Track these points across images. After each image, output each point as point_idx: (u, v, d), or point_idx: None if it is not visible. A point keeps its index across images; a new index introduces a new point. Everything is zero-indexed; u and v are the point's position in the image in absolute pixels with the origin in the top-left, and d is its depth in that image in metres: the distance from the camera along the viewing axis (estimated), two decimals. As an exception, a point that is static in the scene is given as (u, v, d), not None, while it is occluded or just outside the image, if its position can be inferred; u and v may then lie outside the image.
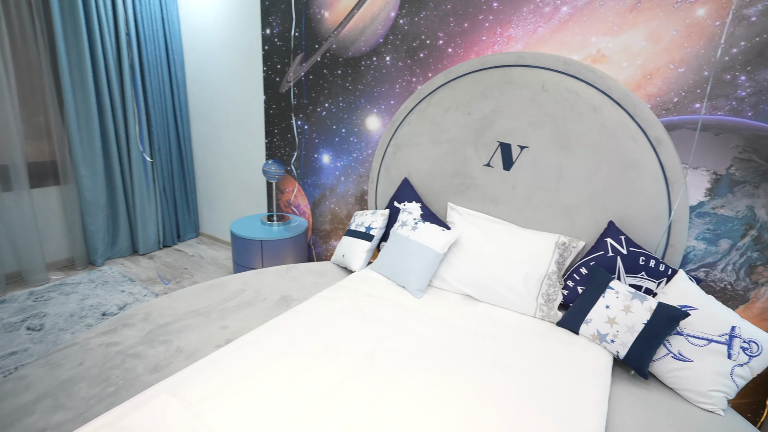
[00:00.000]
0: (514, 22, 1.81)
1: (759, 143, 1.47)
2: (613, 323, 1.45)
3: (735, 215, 1.55)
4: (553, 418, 1.12)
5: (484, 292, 1.72)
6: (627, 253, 1.57)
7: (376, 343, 1.39)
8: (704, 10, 1.47)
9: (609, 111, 1.61)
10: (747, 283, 1.58)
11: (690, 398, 1.34)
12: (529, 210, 1.83)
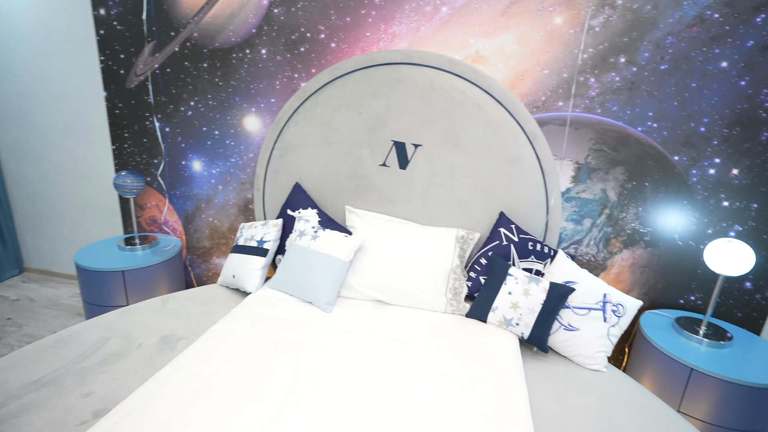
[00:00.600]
0: (398, 19, 1.80)
1: (607, 136, 1.73)
2: (516, 307, 1.55)
3: (593, 197, 1.81)
4: (484, 414, 1.13)
5: (394, 296, 1.69)
6: (518, 240, 1.71)
7: (295, 375, 1.23)
8: (561, 18, 1.65)
9: (492, 109, 1.71)
10: (605, 254, 1.86)
11: (581, 362, 1.52)
12: (427, 207, 1.85)
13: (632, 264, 1.85)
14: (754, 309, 1.76)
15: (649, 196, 1.76)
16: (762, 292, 1.73)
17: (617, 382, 1.45)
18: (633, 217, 1.79)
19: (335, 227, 1.83)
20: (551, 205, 1.76)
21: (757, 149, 1.62)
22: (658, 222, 1.77)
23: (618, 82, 1.67)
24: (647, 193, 1.75)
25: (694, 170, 1.69)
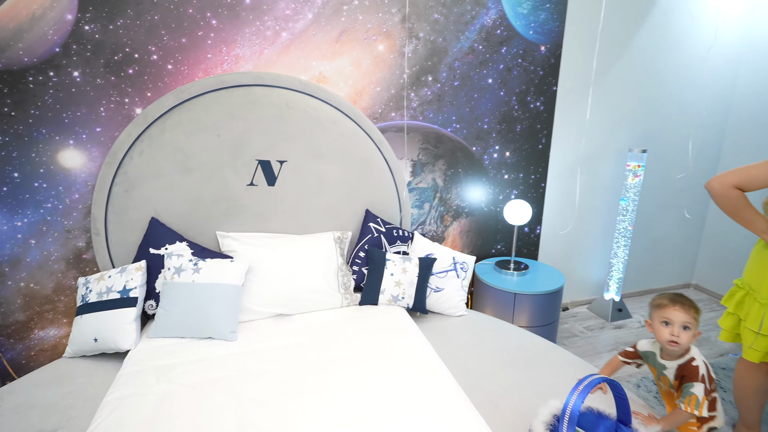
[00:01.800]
0: (239, 42, 1.84)
1: (429, 137, 2.22)
2: (399, 285, 1.88)
3: (428, 186, 2.30)
4: (415, 384, 1.38)
5: (294, 305, 1.77)
6: (385, 230, 2.03)
7: (237, 405, 1.22)
8: (383, 46, 2.03)
9: (344, 123, 1.96)
10: (442, 228, 2.39)
11: (450, 313, 1.96)
12: (301, 217, 1.98)
13: (460, 231, 2.43)
14: (532, 244, 2.58)
15: (463, 179, 2.35)
16: (533, 231, 2.56)
17: (475, 318, 1.95)
18: (455, 196, 2.36)
19: (213, 255, 1.77)
20: (402, 197, 2.15)
21: (516, 137, 2.38)
22: (471, 197, 2.39)
23: (430, 96, 2.17)
24: (461, 177, 2.34)
25: (485, 156, 2.36)
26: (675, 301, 1.22)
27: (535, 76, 2.31)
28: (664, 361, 1.27)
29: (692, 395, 1.17)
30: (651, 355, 1.32)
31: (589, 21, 2.43)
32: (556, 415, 1.17)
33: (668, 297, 1.25)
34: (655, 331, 1.26)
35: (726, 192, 1.44)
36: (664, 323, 1.22)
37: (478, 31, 2.15)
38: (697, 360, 1.21)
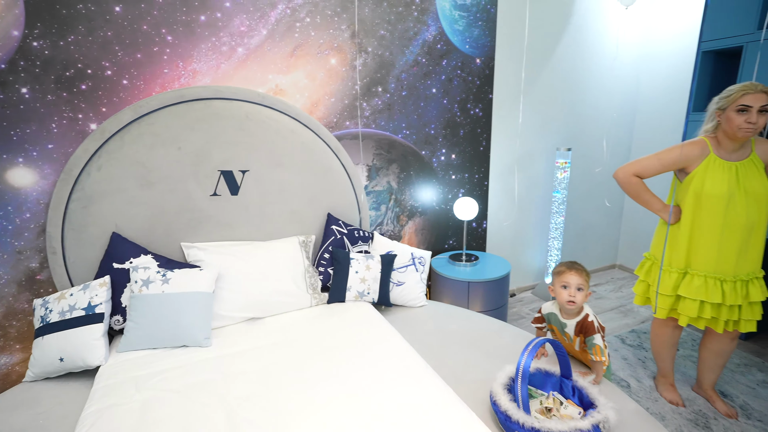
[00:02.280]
0: (196, 57, 1.89)
1: (382, 143, 2.39)
2: (364, 281, 2.01)
3: (383, 189, 2.46)
4: (388, 367, 1.51)
5: (265, 308, 1.84)
6: (347, 231, 2.16)
7: (225, 404, 1.28)
8: (335, 60, 2.17)
9: (303, 132, 2.07)
10: (398, 227, 2.56)
11: (412, 304, 2.12)
12: (265, 224, 2.05)
13: (416, 229, 2.62)
14: (479, 237, 2.83)
15: (415, 181, 2.54)
16: (480, 226, 2.81)
17: (434, 307, 2.13)
18: (409, 197, 2.55)
19: (181, 266, 1.79)
20: (361, 200, 2.29)
21: (460, 141, 2.62)
22: (423, 197, 2.59)
23: (381, 105, 2.34)
24: (413, 179, 2.53)
25: (434, 159, 2.57)
26: (571, 268, 1.47)
27: (473, 85, 2.57)
28: (565, 320, 1.51)
29: (596, 346, 1.42)
30: (553, 316, 1.56)
31: (516, 37, 2.73)
32: (511, 377, 1.37)
33: (565, 264, 1.51)
34: (556, 294, 1.50)
35: (628, 179, 1.73)
36: (563, 287, 1.47)
37: (420, 45, 2.36)
38: (591, 316, 1.47)
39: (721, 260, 1.65)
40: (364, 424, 1.18)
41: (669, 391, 1.97)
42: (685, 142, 1.70)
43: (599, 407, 1.21)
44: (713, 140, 1.67)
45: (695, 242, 1.70)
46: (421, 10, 2.32)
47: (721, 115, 1.61)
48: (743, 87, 1.54)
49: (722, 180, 1.61)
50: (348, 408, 1.25)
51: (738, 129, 1.54)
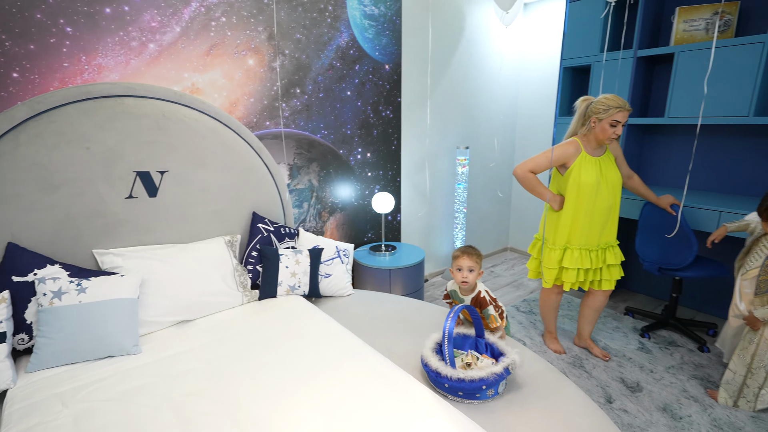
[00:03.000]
0: (101, 52, 1.78)
1: (302, 143, 2.48)
2: (294, 275, 2.09)
3: (305, 187, 2.54)
4: (328, 348, 1.65)
5: (196, 310, 1.82)
6: (273, 229, 2.21)
7: (179, 416, 1.28)
8: (253, 60, 2.20)
9: (224, 132, 2.06)
10: (321, 223, 2.67)
11: (340, 294, 2.26)
12: (187, 226, 2.00)
13: (337, 224, 2.75)
14: (395, 229, 3.08)
15: (334, 179, 2.67)
16: (395, 219, 3.05)
17: (361, 295, 2.30)
18: (329, 194, 2.67)
19: (96, 274, 1.68)
20: (284, 198, 2.35)
21: (374, 141, 2.82)
22: (343, 193, 2.73)
23: (299, 106, 2.42)
24: (333, 176, 2.66)
25: (351, 158, 2.73)
26: (463, 252, 1.77)
27: (384, 89, 2.79)
28: (463, 296, 1.82)
29: (490, 315, 1.73)
30: (455, 293, 1.86)
31: (419, 47, 3.03)
32: (437, 342, 1.59)
33: (459, 249, 1.80)
34: (453, 275, 1.79)
35: (525, 175, 2.09)
36: (458, 269, 1.76)
37: (335, 50, 2.50)
38: (483, 292, 1.78)
39: (591, 235, 2.07)
40: (315, 397, 1.29)
41: (553, 342, 2.41)
42: (564, 142, 2.03)
43: (507, 355, 1.50)
44: (584, 140, 2.03)
45: (576, 223, 2.07)
46: (333, 17, 2.46)
47: (596, 123, 1.95)
48: (618, 105, 1.88)
49: (592, 172, 1.99)
50: (297, 387, 1.35)
51: (608, 138, 1.94)
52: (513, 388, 1.50)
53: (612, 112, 1.89)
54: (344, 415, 1.22)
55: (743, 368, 1.82)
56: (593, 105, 1.96)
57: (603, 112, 1.91)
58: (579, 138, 2.05)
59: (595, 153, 2.04)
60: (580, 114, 2.03)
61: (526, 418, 1.35)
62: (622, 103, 1.89)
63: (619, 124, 1.90)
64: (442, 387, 1.44)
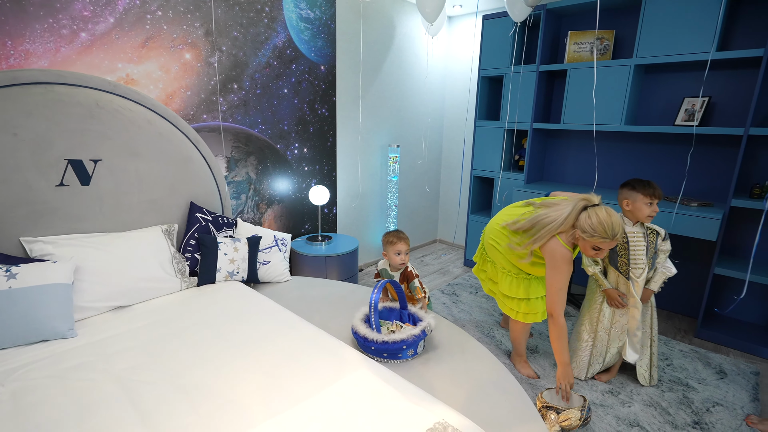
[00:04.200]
0: (29, 38, 1.76)
1: (240, 136, 2.57)
2: (233, 262, 2.19)
3: (243, 179, 2.64)
4: (268, 324, 1.79)
5: (133, 296, 1.86)
6: (212, 219, 2.29)
7: (123, 387, 1.36)
8: (190, 55, 2.26)
9: (160, 123, 2.11)
10: (258, 215, 2.77)
11: (279, 280, 2.40)
12: (122, 215, 2.02)
13: (275, 216, 2.87)
14: (331, 221, 3.26)
15: (272, 172, 2.79)
16: (331, 211, 3.23)
17: (298, 280, 2.46)
18: (267, 187, 2.78)
19: (26, 261, 1.67)
20: (222, 190, 2.43)
21: (311, 137, 2.98)
22: (280, 186, 2.86)
23: (237, 101, 2.51)
24: (270, 170, 2.78)
25: (288, 152, 2.86)
26: (400, 238, 2.02)
27: (320, 89, 2.96)
28: (393, 273, 2.08)
29: (416, 287, 2.00)
30: (385, 271, 2.11)
31: (353, 51, 3.23)
32: (366, 313, 1.81)
33: (394, 236, 2.03)
34: (390, 258, 2.03)
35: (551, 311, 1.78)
36: (397, 254, 2.02)
37: (272, 50, 2.63)
38: (410, 267, 2.06)
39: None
40: (255, 363, 1.44)
41: (525, 367, 2.25)
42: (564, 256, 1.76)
43: (424, 320, 1.75)
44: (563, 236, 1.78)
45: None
46: (270, 17, 2.58)
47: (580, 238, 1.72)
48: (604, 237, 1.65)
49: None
50: (237, 357, 1.49)
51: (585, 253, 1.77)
52: (430, 348, 1.76)
53: (596, 240, 1.68)
54: (281, 374, 1.39)
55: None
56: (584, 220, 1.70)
57: (589, 236, 1.68)
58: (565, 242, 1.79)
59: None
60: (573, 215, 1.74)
61: (439, 371, 1.61)
62: (611, 234, 1.65)
63: (601, 250, 1.71)
64: (369, 350, 1.66)
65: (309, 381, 1.35)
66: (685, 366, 2.34)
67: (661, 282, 2.04)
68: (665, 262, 2.04)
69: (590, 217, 1.68)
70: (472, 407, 1.41)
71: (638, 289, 2.01)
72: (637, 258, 1.99)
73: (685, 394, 2.10)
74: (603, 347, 2.13)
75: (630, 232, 2.01)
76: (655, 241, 2.02)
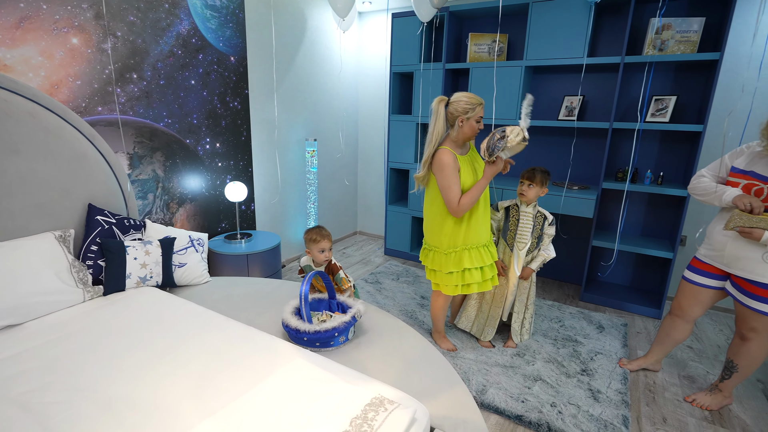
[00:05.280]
0: None
1: (143, 131, 2.37)
2: (145, 266, 2.04)
3: (149, 177, 2.44)
4: (192, 326, 1.72)
5: (24, 312, 1.64)
6: (116, 221, 2.09)
7: (23, 409, 1.21)
8: (77, 39, 2.02)
9: (46, 116, 1.86)
10: (169, 215, 2.59)
11: (198, 282, 2.28)
12: (4, 221, 1.76)
13: (187, 215, 2.70)
14: (250, 218, 3.16)
15: (182, 169, 2.62)
16: (249, 208, 3.14)
17: (219, 281, 2.37)
18: (177, 185, 2.61)
19: None
20: (126, 189, 2.23)
21: (223, 131, 2.85)
22: (192, 184, 2.70)
23: (137, 92, 2.31)
24: (180, 166, 2.61)
25: (199, 147, 2.71)
26: (323, 236, 2.07)
27: (230, 80, 2.84)
28: (317, 268, 2.14)
29: (342, 278, 2.09)
30: (308, 267, 2.17)
31: (264, 42, 3.15)
32: (296, 306, 1.83)
33: (317, 233, 2.07)
34: (314, 255, 2.08)
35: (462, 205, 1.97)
36: (321, 251, 2.07)
37: (175, 37, 2.45)
38: (334, 260, 2.14)
39: (485, 231, 2.14)
40: (181, 368, 1.39)
41: (445, 341, 2.43)
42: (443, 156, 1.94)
43: (353, 306, 1.83)
44: (451, 144, 2.01)
45: (470, 223, 2.07)
46: (172, 3, 2.41)
47: (464, 122, 1.94)
48: (480, 102, 1.93)
49: (469, 171, 2.02)
50: (160, 363, 1.41)
51: (475, 134, 1.99)
52: (360, 333, 1.84)
53: (478, 110, 1.94)
54: (213, 374, 1.36)
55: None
56: (454, 106, 1.96)
57: (470, 110, 1.93)
58: (446, 145, 2.01)
59: (463, 152, 2.07)
60: (442, 117, 1.99)
61: (371, 353, 1.70)
62: (480, 99, 1.96)
63: (481, 120, 1.99)
64: (302, 341, 1.68)
65: (243, 377, 1.35)
66: (573, 325, 2.76)
67: (540, 262, 2.36)
68: (547, 246, 2.36)
69: (457, 101, 1.96)
70: (403, 381, 1.53)
71: (519, 262, 2.31)
72: (523, 233, 2.30)
73: (575, 348, 2.48)
74: (487, 308, 2.45)
75: (523, 211, 2.30)
76: (542, 223, 2.33)
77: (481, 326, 2.48)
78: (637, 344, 2.60)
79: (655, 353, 2.26)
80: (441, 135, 2.01)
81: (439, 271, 2.17)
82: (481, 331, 2.47)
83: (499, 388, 2.09)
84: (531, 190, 2.23)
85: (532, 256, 2.34)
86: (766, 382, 2.26)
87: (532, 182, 2.22)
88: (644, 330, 2.79)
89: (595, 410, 1.95)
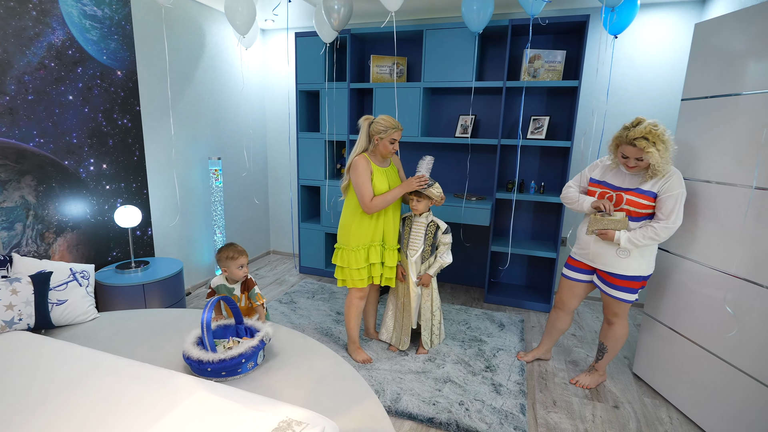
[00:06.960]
0: None
1: (7, 152, 2.08)
2: (12, 308, 1.77)
3: (16, 204, 2.14)
4: (79, 372, 1.53)
5: None
6: (-30, 258, 1.79)
7: None
8: None
9: None
10: (44, 246, 2.29)
11: (82, 320, 2.04)
12: None
13: (68, 246, 2.41)
14: (146, 244, 2.91)
15: (60, 193, 2.34)
16: (146, 233, 2.89)
17: (109, 316, 2.14)
18: (54, 211, 2.32)
19: None
20: (-16, 219, 1.92)
21: (110, 151, 2.61)
22: (73, 210, 2.42)
23: (-2, 109, 2.03)
24: (57, 191, 2.32)
25: (81, 169, 2.44)
26: (239, 252, 2.02)
27: (117, 96, 2.62)
28: (232, 285, 2.08)
29: (257, 294, 2.05)
30: (222, 286, 2.10)
31: (157, 57, 2.96)
32: (198, 336, 1.73)
33: (233, 250, 2.03)
34: (232, 273, 2.02)
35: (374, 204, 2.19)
36: (239, 267, 2.02)
37: (46, 48, 2.21)
38: (249, 275, 2.10)
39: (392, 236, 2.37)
40: (59, 420, 1.24)
41: (359, 353, 2.48)
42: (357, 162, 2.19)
43: (262, 330, 1.78)
44: (371, 155, 2.27)
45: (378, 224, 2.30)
46: (40, 10, 2.17)
47: (379, 141, 2.20)
48: (394, 126, 2.18)
49: (383, 180, 2.25)
50: (35, 415, 1.25)
51: (389, 152, 2.24)
52: (270, 357, 1.80)
53: (390, 132, 2.19)
54: (100, 419, 1.24)
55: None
56: (374, 125, 2.21)
57: (383, 132, 2.18)
58: (366, 154, 2.26)
59: (382, 165, 2.31)
60: (364, 132, 2.25)
61: (282, 376, 1.67)
62: (396, 123, 2.20)
63: (396, 141, 2.23)
64: (206, 373, 1.60)
65: (136, 419, 1.24)
66: (478, 326, 2.98)
67: (437, 268, 2.51)
68: (444, 253, 2.53)
69: (377, 122, 2.21)
70: (315, 400, 1.53)
71: (413, 268, 2.46)
72: (415, 241, 2.44)
73: (480, 347, 2.69)
74: (401, 317, 2.56)
75: (416, 221, 2.45)
76: (435, 232, 2.49)
77: (398, 336, 2.57)
78: (532, 337, 2.90)
79: (545, 344, 2.55)
80: (363, 148, 2.27)
81: (347, 267, 2.31)
82: (399, 340, 2.56)
83: (412, 394, 2.18)
84: (420, 204, 2.39)
85: (429, 263, 2.49)
86: (631, 358, 2.67)
87: (419, 197, 2.38)
88: (538, 324, 3.12)
89: (498, 402, 2.14)
